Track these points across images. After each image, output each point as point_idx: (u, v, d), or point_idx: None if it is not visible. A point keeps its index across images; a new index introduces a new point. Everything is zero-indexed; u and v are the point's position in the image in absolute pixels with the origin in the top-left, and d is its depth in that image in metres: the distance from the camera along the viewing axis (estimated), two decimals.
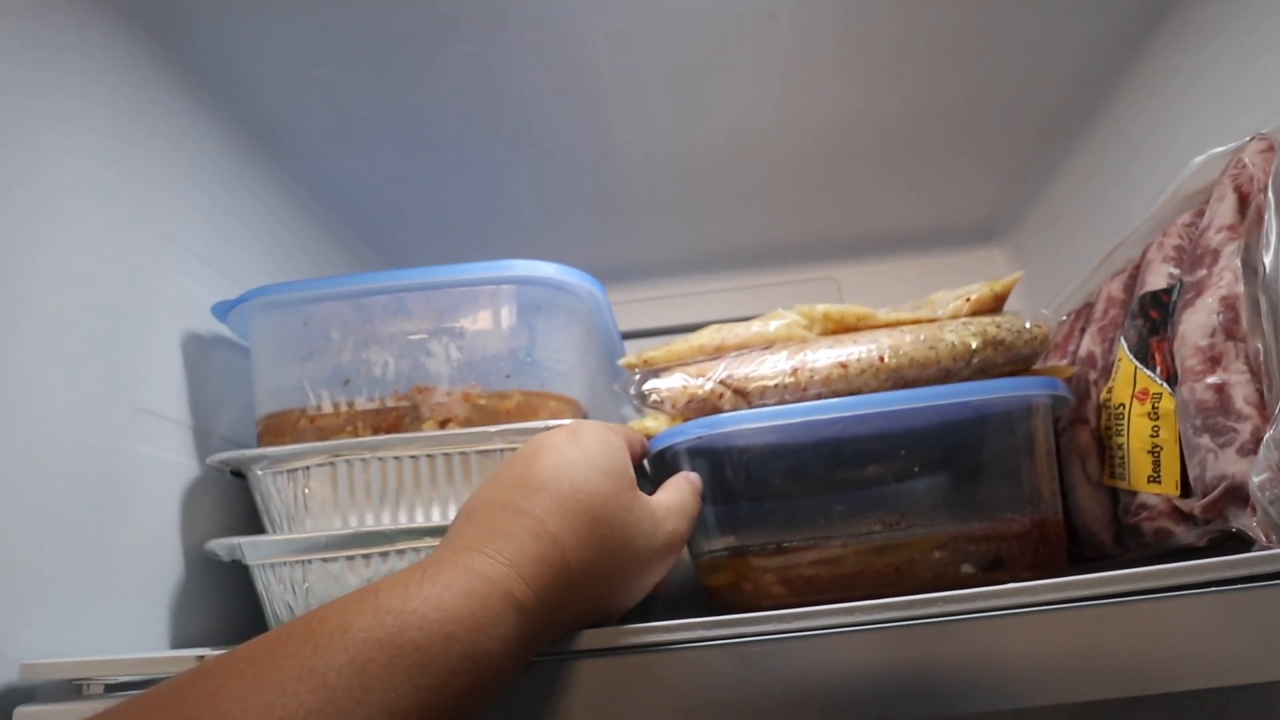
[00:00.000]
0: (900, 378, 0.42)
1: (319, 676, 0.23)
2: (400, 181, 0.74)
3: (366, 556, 0.42)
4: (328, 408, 0.46)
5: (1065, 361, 0.53)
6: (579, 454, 0.34)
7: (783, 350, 0.44)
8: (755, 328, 0.46)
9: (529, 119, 0.67)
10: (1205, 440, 0.38)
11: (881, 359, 0.42)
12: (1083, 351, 0.50)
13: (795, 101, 0.68)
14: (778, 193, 0.82)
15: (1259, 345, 0.37)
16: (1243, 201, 0.41)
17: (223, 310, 0.49)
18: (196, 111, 0.56)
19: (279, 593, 0.44)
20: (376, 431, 0.45)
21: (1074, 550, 0.48)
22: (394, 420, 0.46)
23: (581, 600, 0.32)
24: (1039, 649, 0.31)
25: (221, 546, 0.44)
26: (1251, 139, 0.42)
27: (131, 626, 0.42)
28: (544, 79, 0.62)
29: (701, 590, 0.45)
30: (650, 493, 0.37)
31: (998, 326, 0.43)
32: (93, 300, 0.43)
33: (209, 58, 0.55)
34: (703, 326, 0.48)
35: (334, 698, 0.23)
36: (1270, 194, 0.38)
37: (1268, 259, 0.37)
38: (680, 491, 0.38)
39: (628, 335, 0.88)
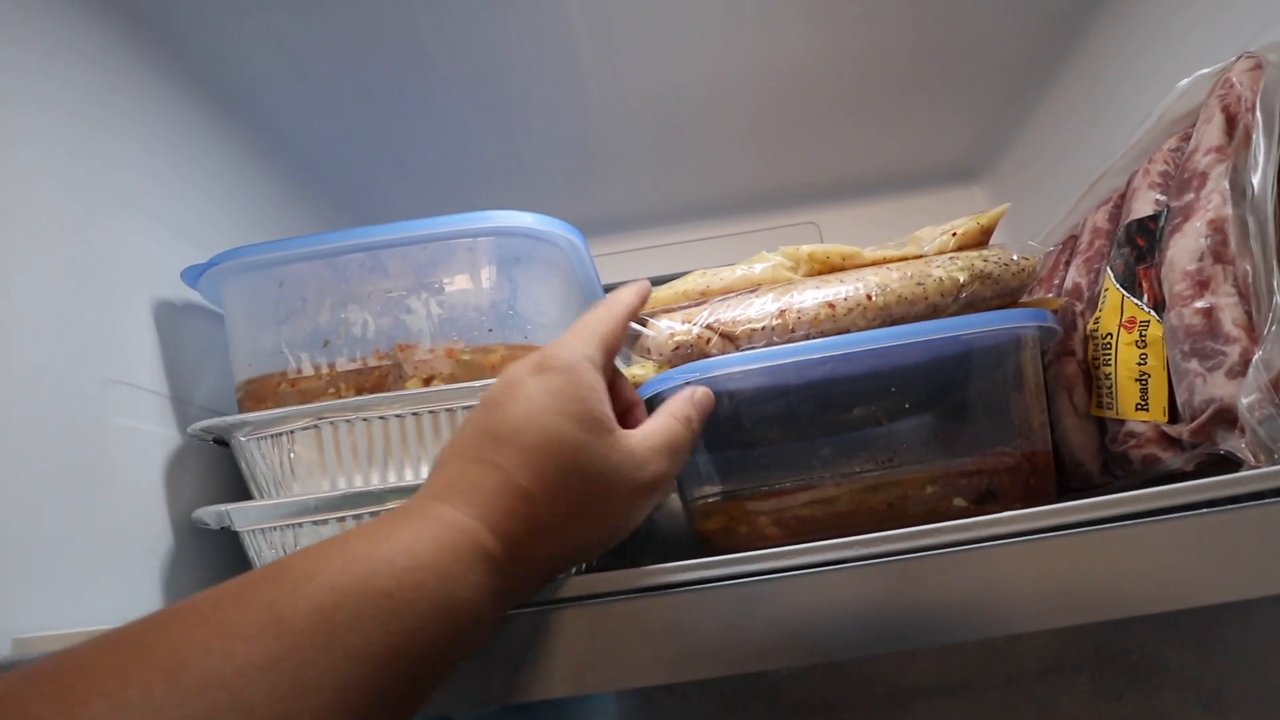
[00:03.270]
0: (888, 315, 0.42)
1: (284, 623, 0.22)
2: (367, 138, 0.72)
3: (357, 517, 0.42)
4: (308, 370, 0.45)
5: (1051, 295, 0.52)
6: (548, 399, 0.31)
7: (769, 293, 0.43)
8: (740, 271, 0.46)
9: (499, 68, 0.64)
10: (1194, 365, 0.38)
11: (869, 297, 0.41)
12: (1068, 284, 0.50)
13: (769, 45, 0.66)
14: (754, 138, 0.81)
15: (1247, 267, 0.37)
16: (1230, 122, 0.40)
17: (193, 275, 0.47)
18: (150, 72, 0.53)
19: (271, 557, 0.43)
20: (359, 392, 0.44)
21: (1061, 481, 0.48)
22: (377, 380, 0.45)
23: (559, 547, 0.31)
24: (1032, 577, 0.32)
25: (209, 514, 0.43)
26: (1239, 58, 0.41)
27: (124, 597, 0.42)
28: (513, 25, 0.60)
29: (695, 537, 0.45)
30: None
31: (985, 260, 0.43)
32: (55, 273, 0.42)
33: (161, 15, 0.53)
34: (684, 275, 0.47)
35: (299, 644, 0.22)
36: (1258, 113, 0.38)
37: (1255, 179, 0.37)
38: (667, 430, 0.35)
39: (609, 288, 0.87)
